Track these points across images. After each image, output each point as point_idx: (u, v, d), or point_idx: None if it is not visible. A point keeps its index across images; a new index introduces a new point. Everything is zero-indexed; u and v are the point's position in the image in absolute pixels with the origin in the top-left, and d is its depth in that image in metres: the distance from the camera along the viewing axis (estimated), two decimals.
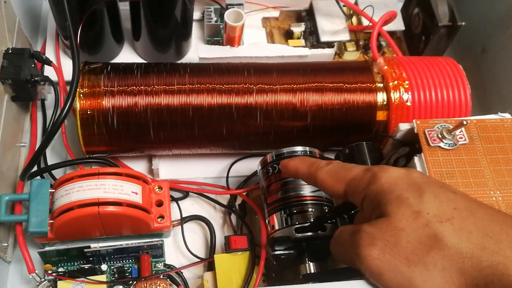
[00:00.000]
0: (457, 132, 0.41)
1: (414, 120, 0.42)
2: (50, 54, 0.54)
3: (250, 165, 0.50)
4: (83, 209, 0.40)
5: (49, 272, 0.42)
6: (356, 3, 0.57)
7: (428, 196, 0.29)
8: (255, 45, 0.55)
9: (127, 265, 0.44)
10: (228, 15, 0.52)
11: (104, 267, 0.43)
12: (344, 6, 0.57)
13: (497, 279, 0.26)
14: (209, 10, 0.56)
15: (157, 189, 0.44)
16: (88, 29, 0.49)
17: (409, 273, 0.28)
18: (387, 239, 0.29)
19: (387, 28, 0.56)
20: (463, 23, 0.53)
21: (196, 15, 0.57)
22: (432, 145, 0.41)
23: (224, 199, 0.50)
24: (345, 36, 0.57)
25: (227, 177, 0.49)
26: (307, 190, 0.41)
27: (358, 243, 0.29)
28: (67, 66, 0.53)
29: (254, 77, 0.47)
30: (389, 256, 0.28)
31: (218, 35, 0.57)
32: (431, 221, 0.28)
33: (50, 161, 0.49)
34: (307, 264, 0.41)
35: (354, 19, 0.59)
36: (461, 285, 0.27)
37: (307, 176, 0.36)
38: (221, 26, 0.56)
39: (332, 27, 0.57)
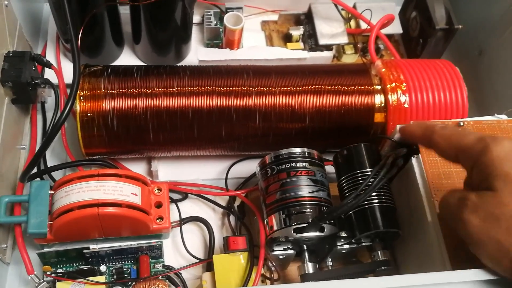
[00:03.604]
0: None
1: (411, 122, 0.42)
2: (50, 57, 0.54)
3: (249, 167, 0.50)
4: (82, 210, 0.40)
5: (48, 273, 0.42)
6: (354, 7, 0.58)
7: None
8: (254, 48, 0.56)
9: (126, 266, 0.44)
10: (227, 19, 0.52)
11: (103, 268, 0.44)
12: (342, 9, 0.57)
13: None
14: (209, 13, 0.57)
15: (156, 191, 0.44)
16: (88, 32, 0.49)
17: (508, 245, 0.29)
18: (491, 210, 0.30)
19: (385, 31, 0.56)
20: (460, 26, 0.53)
21: (196, 18, 0.58)
22: None
23: (223, 200, 0.50)
24: (344, 39, 0.57)
25: (226, 178, 0.50)
26: (305, 191, 0.41)
27: (464, 209, 0.31)
28: (67, 69, 0.53)
29: (253, 80, 0.47)
30: (490, 226, 0.30)
31: (218, 38, 0.58)
32: None
33: (50, 163, 0.50)
34: (305, 264, 0.41)
35: (352, 22, 0.59)
36: None
37: (422, 140, 0.38)
38: (221, 30, 0.57)
39: (331, 30, 0.57)
